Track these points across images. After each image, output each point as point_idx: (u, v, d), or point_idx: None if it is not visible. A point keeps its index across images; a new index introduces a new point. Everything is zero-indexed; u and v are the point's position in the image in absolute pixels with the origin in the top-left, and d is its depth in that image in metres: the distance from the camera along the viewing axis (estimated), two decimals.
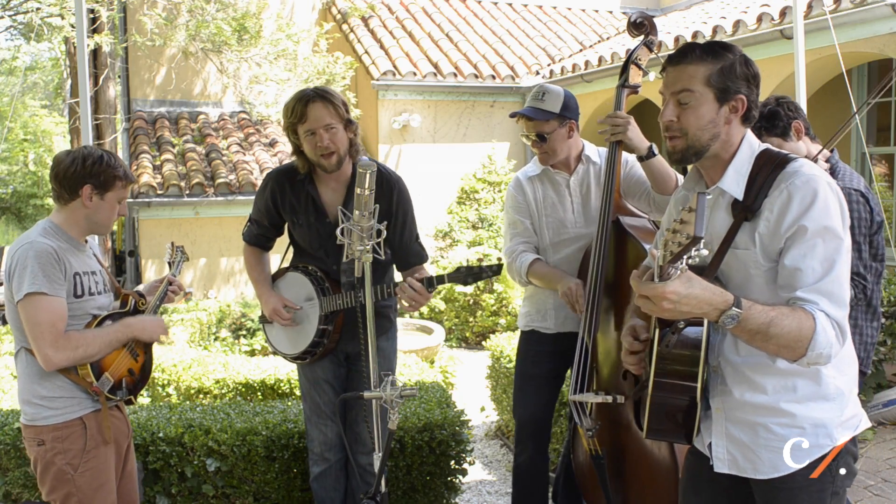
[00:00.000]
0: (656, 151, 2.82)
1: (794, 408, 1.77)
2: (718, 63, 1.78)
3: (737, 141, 1.83)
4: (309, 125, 2.65)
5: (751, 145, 1.84)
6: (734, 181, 1.80)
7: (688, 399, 1.82)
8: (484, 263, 2.68)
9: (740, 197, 1.78)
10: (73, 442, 2.37)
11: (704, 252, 1.49)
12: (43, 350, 2.28)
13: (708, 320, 1.72)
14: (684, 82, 1.80)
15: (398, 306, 2.89)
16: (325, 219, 2.84)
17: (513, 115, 3.04)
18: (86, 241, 2.52)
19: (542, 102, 2.95)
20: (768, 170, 1.76)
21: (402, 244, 2.93)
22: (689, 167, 1.97)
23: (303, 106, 2.64)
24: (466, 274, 2.66)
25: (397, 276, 3.08)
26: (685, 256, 1.47)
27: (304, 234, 2.91)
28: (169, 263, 2.87)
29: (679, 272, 1.53)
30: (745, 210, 1.75)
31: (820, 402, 1.77)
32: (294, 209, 2.88)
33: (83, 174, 2.39)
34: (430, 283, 2.66)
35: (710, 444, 1.89)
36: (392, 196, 2.84)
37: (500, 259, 2.73)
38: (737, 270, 1.79)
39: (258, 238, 3.06)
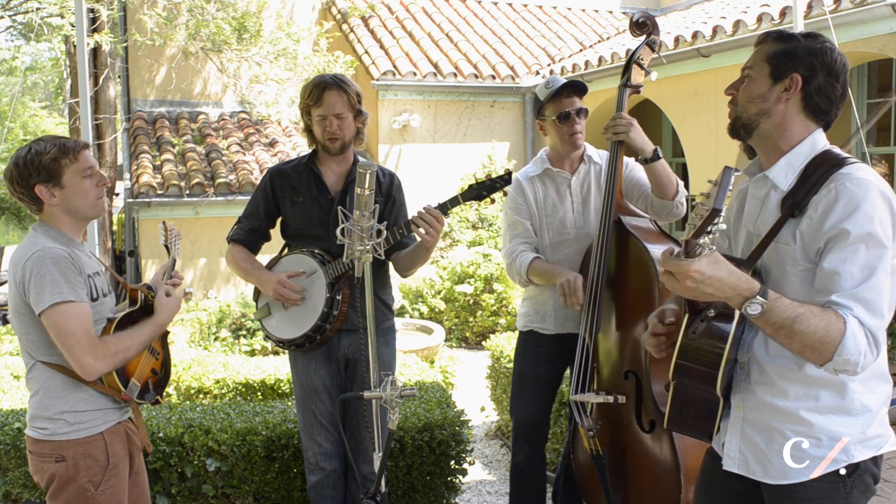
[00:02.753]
0: (661, 154, 2.82)
1: (814, 417, 1.74)
2: (786, 44, 1.79)
3: (797, 132, 1.80)
4: (322, 111, 2.80)
5: (814, 143, 1.80)
6: (783, 172, 1.79)
7: (709, 391, 1.80)
8: (494, 176, 2.67)
9: (785, 188, 1.77)
10: (97, 458, 2.25)
11: (723, 226, 1.48)
12: (83, 360, 2.14)
13: (739, 313, 1.71)
14: (750, 60, 1.84)
15: (418, 239, 2.76)
16: (328, 195, 2.88)
17: (560, 91, 2.95)
18: (81, 242, 2.38)
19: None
20: (824, 169, 1.73)
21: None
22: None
23: (320, 91, 2.79)
24: (479, 188, 2.65)
25: (395, 276, 3.07)
26: (707, 230, 1.47)
27: (304, 212, 2.90)
28: (166, 247, 2.72)
29: (705, 250, 1.52)
30: (794, 206, 1.73)
31: (842, 416, 1.73)
32: (295, 188, 2.91)
33: (25, 178, 2.21)
34: (444, 207, 2.65)
35: (724, 442, 1.87)
36: (392, 182, 2.98)
37: (508, 170, 2.72)
38: (776, 265, 1.77)
39: (248, 234, 3.01)
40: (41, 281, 2.13)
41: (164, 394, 2.51)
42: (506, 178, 2.63)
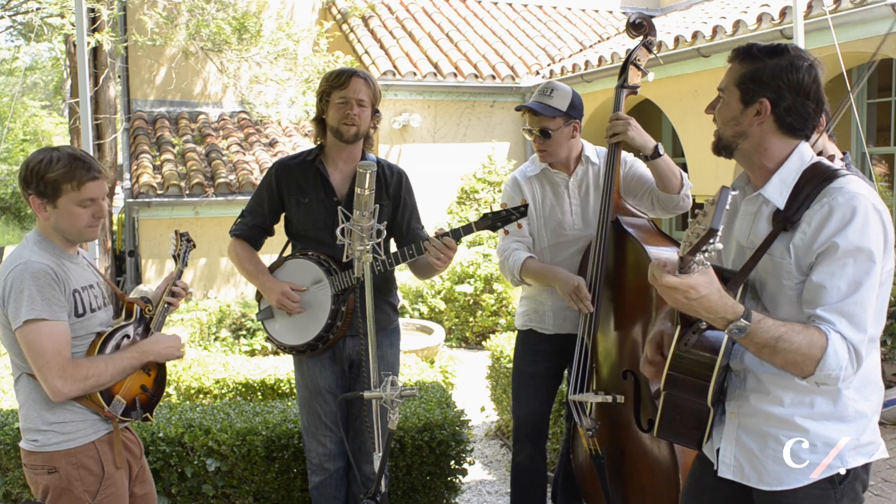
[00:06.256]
0: (662, 151, 2.82)
1: (808, 424, 1.75)
2: (753, 66, 1.78)
3: (778, 150, 1.80)
4: (347, 93, 2.78)
5: (801, 157, 1.80)
6: (777, 190, 1.79)
7: (699, 402, 1.81)
8: (510, 207, 2.65)
9: (781, 206, 1.77)
10: (90, 468, 2.21)
11: (720, 246, 1.48)
12: (50, 381, 2.10)
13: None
14: (723, 81, 1.85)
15: (428, 262, 2.72)
16: (334, 197, 2.85)
17: (518, 109, 3.02)
18: (77, 253, 2.33)
19: (550, 98, 2.93)
20: (815, 183, 1.74)
21: (409, 229, 2.96)
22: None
23: (348, 76, 2.80)
24: (494, 219, 2.63)
25: (399, 276, 3.06)
26: (702, 248, 1.47)
27: (310, 214, 2.87)
28: (174, 257, 2.67)
29: (700, 267, 1.53)
30: (785, 220, 1.74)
31: (836, 423, 1.75)
32: (301, 188, 2.88)
33: (24, 184, 2.18)
34: (457, 234, 2.63)
35: (719, 448, 1.88)
36: (401, 182, 2.94)
37: (524, 201, 2.69)
38: (773, 278, 1.78)
39: (251, 230, 2.98)
40: (19, 296, 2.10)
41: (164, 394, 2.45)
42: (521, 210, 2.61)
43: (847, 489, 1.77)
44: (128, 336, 2.35)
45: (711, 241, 1.46)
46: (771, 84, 1.76)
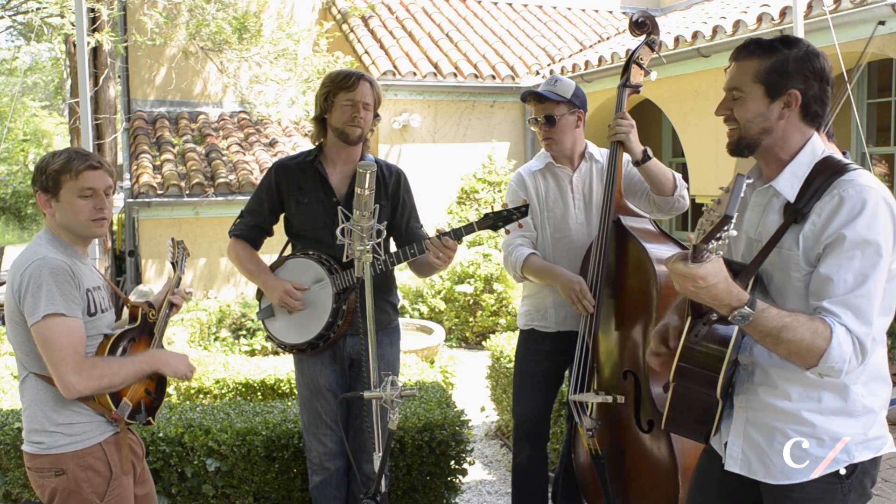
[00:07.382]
0: (651, 155, 2.83)
1: (816, 418, 1.76)
2: (770, 59, 1.77)
3: (796, 141, 1.81)
4: (354, 95, 2.80)
5: (814, 150, 1.81)
6: (789, 183, 1.79)
7: (708, 394, 1.81)
8: (510, 207, 2.65)
9: (792, 199, 1.77)
10: (98, 469, 2.21)
11: (734, 233, 1.48)
12: (65, 377, 2.09)
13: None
14: (735, 80, 1.82)
15: (429, 261, 2.71)
16: (333, 197, 2.86)
17: (523, 97, 3.02)
18: (86, 254, 2.35)
19: (555, 87, 2.97)
20: (825, 175, 1.74)
21: (409, 229, 2.96)
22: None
23: (357, 78, 2.83)
24: (495, 219, 2.63)
25: (401, 276, 3.06)
26: (716, 236, 1.48)
27: (310, 213, 2.87)
28: (172, 264, 2.68)
29: (713, 256, 1.53)
30: (796, 212, 1.75)
31: (843, 418, 1.76)
32: (301, 189, 2.88)
33: (34, 181, 2.23)
34: (458, 234, 2.64)
35: (727, 442, 1.88)
36: (399, 182, 2.96)
37: (524, 201, 2.68)
38: (780, 270, 1.78)
39: (251, 230, 2.98)
40: (37, 291, 2.10)
41: (164, 394, 2.46)
42: (523, 210, 2.61)
43: (854, 483, 1.77)
44: (133, 340, 2.37)
45: (726, 227, 1.46)
46: (797, 74, 1.76)
